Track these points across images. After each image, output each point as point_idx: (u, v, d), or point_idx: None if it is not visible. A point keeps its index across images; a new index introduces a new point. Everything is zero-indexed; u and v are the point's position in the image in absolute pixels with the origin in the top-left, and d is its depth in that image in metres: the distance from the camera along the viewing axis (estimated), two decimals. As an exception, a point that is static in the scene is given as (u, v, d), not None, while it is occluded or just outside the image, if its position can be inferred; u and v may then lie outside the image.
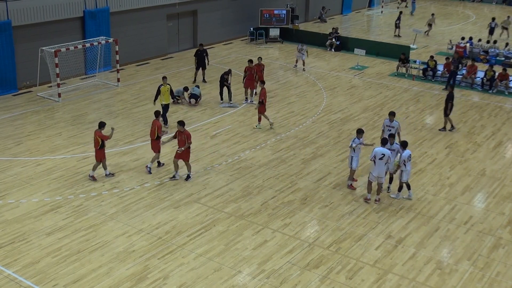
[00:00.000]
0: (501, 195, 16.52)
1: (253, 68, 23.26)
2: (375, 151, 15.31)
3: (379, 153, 15.22)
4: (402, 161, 15.63)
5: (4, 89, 23.81)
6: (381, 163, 15.25)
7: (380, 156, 15.19)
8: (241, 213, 15.00)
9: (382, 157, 15.19)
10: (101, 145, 16.33)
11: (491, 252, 13.64)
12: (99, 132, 16.27)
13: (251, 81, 23.32)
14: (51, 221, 14.35)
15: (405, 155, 15.63)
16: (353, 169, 16.31)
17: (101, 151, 16.42)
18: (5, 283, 11.95)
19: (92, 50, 25.91)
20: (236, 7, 34.82)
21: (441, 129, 21.27)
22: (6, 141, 19.22)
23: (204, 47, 25.82)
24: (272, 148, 19.25)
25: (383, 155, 15.19)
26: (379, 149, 15.34)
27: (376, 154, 15.24)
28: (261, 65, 24.16)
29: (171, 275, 12.37)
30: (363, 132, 16.31)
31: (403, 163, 15.62)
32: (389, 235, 14.18)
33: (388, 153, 15.30)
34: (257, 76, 23.27)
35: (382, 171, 15.41)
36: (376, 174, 15.40)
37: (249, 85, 23.45)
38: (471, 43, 32.56)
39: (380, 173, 15.40)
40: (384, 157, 15.19)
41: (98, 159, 16.50)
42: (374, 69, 29.48)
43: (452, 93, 21.15)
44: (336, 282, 12.32)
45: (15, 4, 23.44)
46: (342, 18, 44.00)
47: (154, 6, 29.40)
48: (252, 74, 23.19)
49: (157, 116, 17.16)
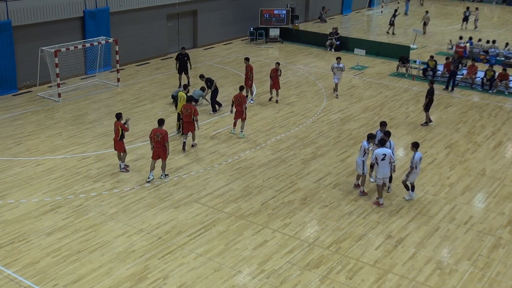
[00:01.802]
0: (501, 195, 16.52)
1: (249, 66, 23.33)
2: (376, 153, 15.28)
3: (380, 154, 15.20)
4: (414, 163, 15.49)
5: (4, 89, 23.81)
6: (385, 163, 15.23)
7: (381, 157, 15.18)
8: (241, 213, 15.00)
9: (384, 158, 15.19)
10: (121, 136, 16.68)
11: (491, 252, 13.64)
12: (120, 122, 16.65)
13: (247, 80, 23.43)
14: (51, 221, 14.35)
15: (417, 157, 15.50)
16: (365, 175, 16.15)
17: (121, 142, 16.77)
18: (5, 283, 11.95)
19: (92, 50, 25.92)
20: (236, 7, 34.81)
21: (423, 124, 21.63)
22: (6, 141, 19.22)
23: (186, 51, 25.12)
24: (272, 148, 19.25)
25: (384, 155, 15.18)
26: (379, 150, 15.33)
27: (378, 156, 15.22)
28: (278, 70, 23.36)
29: (171, 275, 12.38)
30: (374, 137, 16.18)
31: (415, 165, 15.50)
32: (389, 235, 14.19)
33: (389, 152, 15.30)
34: (251, 75, 23.35)
35: (387, 172, 15.38)
36: (381, 176, 15.33)
37: (246, 84, 23.50)
38: (471, 43, 32.57)
39: (385, 174, 15.35)
40: (386, 157, 15.18)
41: (120, 150, 16.92)
42: (374, 69, 29.49)
43: (432, 88, 21.36)
44: (336, 282, 12.32)
45: (15, 4, 23.44)
46: (342, 18, 44.00)
47: (154, 6, 29.40)
48: (247, 73, 23.25)
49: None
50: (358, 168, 16.06)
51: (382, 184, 15.58)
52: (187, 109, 18.40)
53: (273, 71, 23.37)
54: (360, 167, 15.94)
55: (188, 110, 18.38)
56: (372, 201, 15.76)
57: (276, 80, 23.35)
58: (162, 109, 22.69)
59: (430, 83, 21.88)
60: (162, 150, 16.27)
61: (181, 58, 24.75)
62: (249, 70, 23.33)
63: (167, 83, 25.46)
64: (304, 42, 34.76)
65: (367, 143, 15.87)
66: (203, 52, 32.22)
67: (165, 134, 16.15)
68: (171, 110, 22.40)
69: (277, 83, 23.51)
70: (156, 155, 16.36)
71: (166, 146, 16.26)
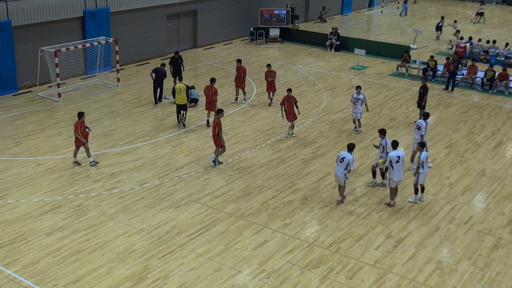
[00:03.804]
0: (501, 195, 16.52)
1: (241, 68, 23.20)
2: (390, 156, 15.14)
3: (394, 157, 15.05)
4: (420, 163, 15.35)
5: (4, 89, 23.81)
6: (399, 166, 15.08)
7: (396, 159, 15.04)
8: (241, 213, 15.00)
9: (398, 160, 15.08)
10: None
11: (491, 252, 13.64)
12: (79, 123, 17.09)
13: (239, 81, 23.32)
14: (51, 221, 14.35)
15: (423, 156, 15.33)
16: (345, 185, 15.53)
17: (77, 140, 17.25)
18: (5, 283, 11.95)
19: (92, 50, 25.92)
20: (236, 7, 34.82)
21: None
22: (6, 141, 19.23)
23: (179, 54, 24.91)
24: (272, 148, 19.25)
25: (398, 157, 15.09)
26: (393, 152, 15.20)
27: (392, 158, 15.05)
28: (272, 71, 23.28)
29: (171, 275, 12.38)
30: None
31: (421, 164, 15.35)
32: (389, 235, 14.18)
33: (403, 155, 15.19)
34: (244, 76, 23.25)
35: (401, 175, 15.25)
36: (396, 178, 15.17)
37: (238, 85, 23.46)
38: (471, 43, 32.56)
39: (399, 177, 15.18)
40: (400, 159, 15.07)
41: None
42: (374, 69, 29.48)
43: (426, 86, 21.44)
44: (336, 282, 12.32)
45: (15, 4, 23.45)
46: (342, 18, 44.00)
47: (154, 6, 29.40)
48: (240, 74, 23.15)
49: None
50: (340, 180, 15.32)
51: (395, 187, 15.42)
52: (209, 90, 20.20)
53: (267, 74, 23.19)
54: (342, 179, 15.26)
55: (209, 91, 20.18)
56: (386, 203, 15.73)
57: (244, 78, 23.25)
58: (162, 109, 22.69)
59: (423, 79, 21.93)
60: (215, 138, 17.34)
61: (175, 61, 24.57)
62: (242, 71, 23.18)
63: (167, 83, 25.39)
64: (304, 42, 34.76)
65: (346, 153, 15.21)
66: (203, 52, 32.23)
67: (218, 124, 17.06)
68: (171, 110, 22.40)
69: (273, 85, 23.31)
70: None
71: (220, 135, 17.19)
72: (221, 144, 17.43)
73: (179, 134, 20.16)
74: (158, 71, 22.91)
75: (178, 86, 20.41)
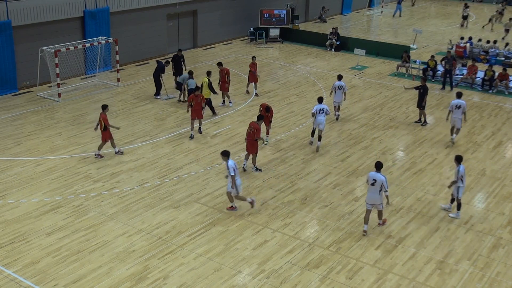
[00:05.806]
0: (501, 195, 16.52)
1: (224, 69, 22.88)
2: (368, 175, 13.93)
3: (370, 179, 13.82)
4: (460, 177, 14.78)
5: (4, 89, 23.81)
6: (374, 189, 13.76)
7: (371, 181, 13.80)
8: (241, 213, 15.00)
9: (374, 183, 13.77)
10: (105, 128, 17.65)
11: (491, 252, 13.64)
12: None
13: (223, 84, 22.94)
14: (51, 221, 14.35)
15: (462, 170, 14.76)
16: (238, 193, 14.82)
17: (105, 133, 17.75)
18: (5, 283, 11.95)
19: (92, 50, 25.92)
20: (236, 7, 34.82)
21: (416, 121, 21.84)
22: (6, 141, 19.23)
23: (182, 53, 24.94)
24: (272, 148, 19.25)
25: (374, 181, 13.75)
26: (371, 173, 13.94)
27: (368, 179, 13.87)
28: (255, 64, 24.46)
29: (171, 275, 12.38)
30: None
31: (460, 178, 14.80)
32: (389, 235, 14.18)
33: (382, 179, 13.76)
34: (228, 78, 22.94)
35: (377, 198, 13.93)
36: (368, 200, 14.00)
37: (223, 89, 23.04)
38: (471, 43, 32.56)
39: (370, 199, 13.95)
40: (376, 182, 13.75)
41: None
42: (374, 69, 29.48)
43: (426, 86, 21.50)
44: (336, 282, 12.32)
45: (15, 4, 23.44)
46: (342, 18, 44.00)
47: (154, 6, 29.40)
48: (224, 77, 22.84)
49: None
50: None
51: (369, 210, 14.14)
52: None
53: (251, 65, 24.20)
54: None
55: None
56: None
57: (229, 81, 23.17)
58: (162, 109, 22.70)
59: (422, 80, 21.92)
60: (250, 144, 16.91)
61: (177, 59, 24.64)
62: (225, 73, 22.88)
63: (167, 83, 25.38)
64: (304, 42, 34.76)
65: (231, 162, 14.66)
66: (203, 52, 32.23)
67: (257, 130, 16.71)
68: (171, 110, 22.41)
69: (255, 76, 24.23)
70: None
71: (257, 141, 16.91)
72: (257, 149, 17.23)
73: (178, 134, 20.16)
74: (159, 65, 23.77)
75: (203, 80, 21.21)
